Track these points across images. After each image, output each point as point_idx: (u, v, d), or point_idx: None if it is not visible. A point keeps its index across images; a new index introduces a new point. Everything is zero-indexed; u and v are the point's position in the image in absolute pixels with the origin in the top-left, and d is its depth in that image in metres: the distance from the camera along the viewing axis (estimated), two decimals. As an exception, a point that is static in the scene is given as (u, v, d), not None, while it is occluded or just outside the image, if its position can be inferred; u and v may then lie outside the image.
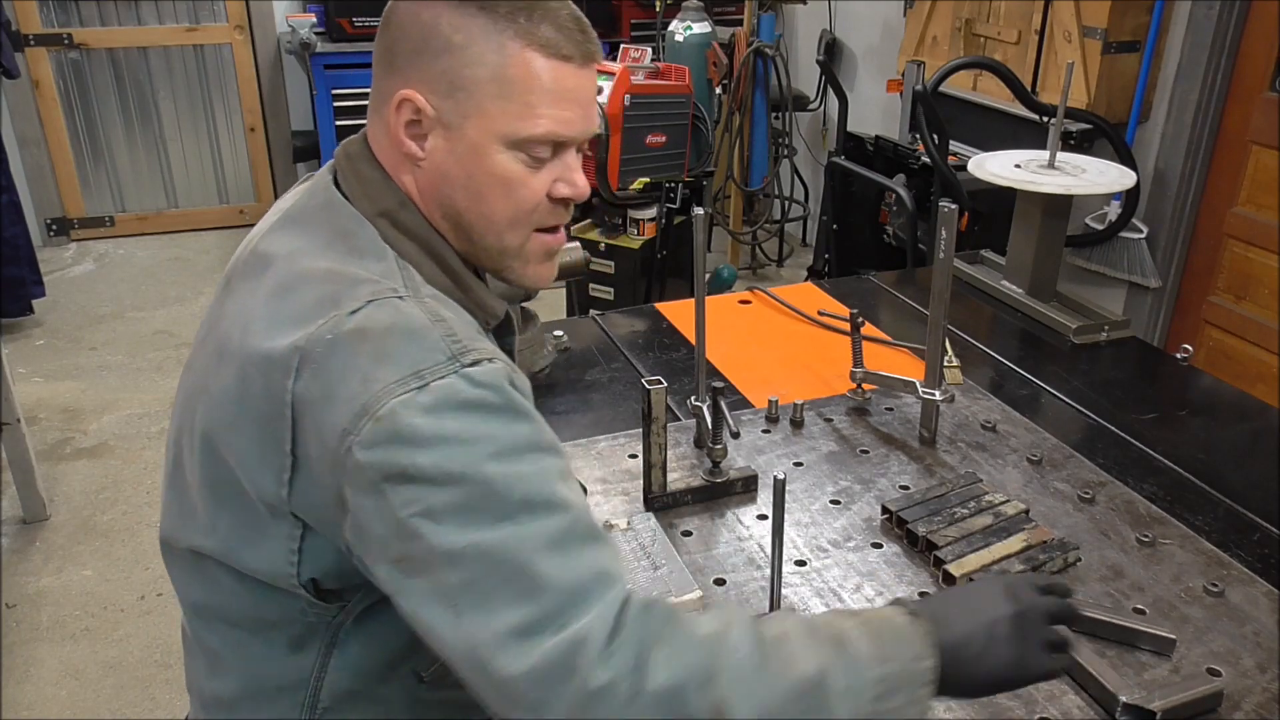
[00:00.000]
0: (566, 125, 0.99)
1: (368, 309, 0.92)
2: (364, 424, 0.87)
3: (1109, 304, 3.36)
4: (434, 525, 0.85)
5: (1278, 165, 2.96)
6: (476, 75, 0.96)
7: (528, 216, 1.02)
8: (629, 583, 0.91)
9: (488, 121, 0.97)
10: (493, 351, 0.93)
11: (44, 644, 2.61)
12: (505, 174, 0.99)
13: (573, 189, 1.03)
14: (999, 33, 3.51)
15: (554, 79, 0.97)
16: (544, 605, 0.84)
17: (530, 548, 0.86)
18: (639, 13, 5.27)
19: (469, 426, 0.88)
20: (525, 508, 0.87)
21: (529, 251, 1.05)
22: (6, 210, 3.99)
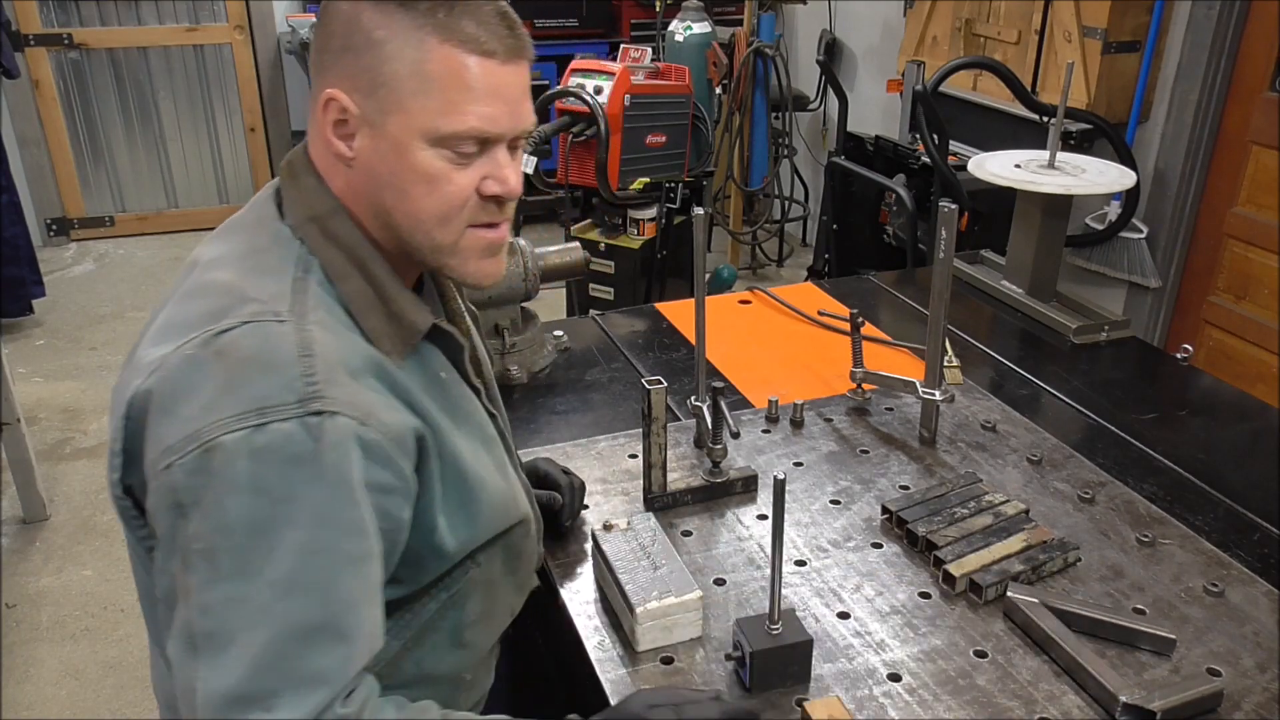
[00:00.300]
0: (490, 121, 0.98)
1: (239, 330, 0.93)
2: (192, 449, 0.89)
3: (1109, 304, 3.36)
4: (209, 568, 0.88)
5: (1278, 165, 2.96)
6: (396, 71, 0.95)
7: (455, 213, 1.01)
8: (347, 685, 0.93)
9: (409, 118, 0.96)
10: (344, 401, 0.91)
11: (44, 644, 2.61)
12: (428, 171, 0.98)
13: (502, 186, 1.01)
14: (999, 33, 3.51)
15: (475, 75, 0.96)
16: (258, 684, 0.88)
17: (276, 624, 0.88)
18: (639, 13, 5.27)
19: (283, 484, 0.89)
20: (297, 587, 0.89)
21: (465, 248, 1.03)
22: (6, 210, 3.99)
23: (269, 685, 0.88)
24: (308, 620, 0.90)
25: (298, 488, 0.89)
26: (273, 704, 0.88)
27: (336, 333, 0.96)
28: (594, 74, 3.53)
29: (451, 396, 1.07)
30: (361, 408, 0.92)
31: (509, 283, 1.78)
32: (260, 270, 0.99)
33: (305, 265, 1.00)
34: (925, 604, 1.25)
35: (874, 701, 1.10)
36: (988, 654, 1.17)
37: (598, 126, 3.39)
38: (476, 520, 1.07)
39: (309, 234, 1.01)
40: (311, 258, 1.01)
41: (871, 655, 1.16)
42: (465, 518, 1.05)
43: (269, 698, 0.88)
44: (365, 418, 0.92)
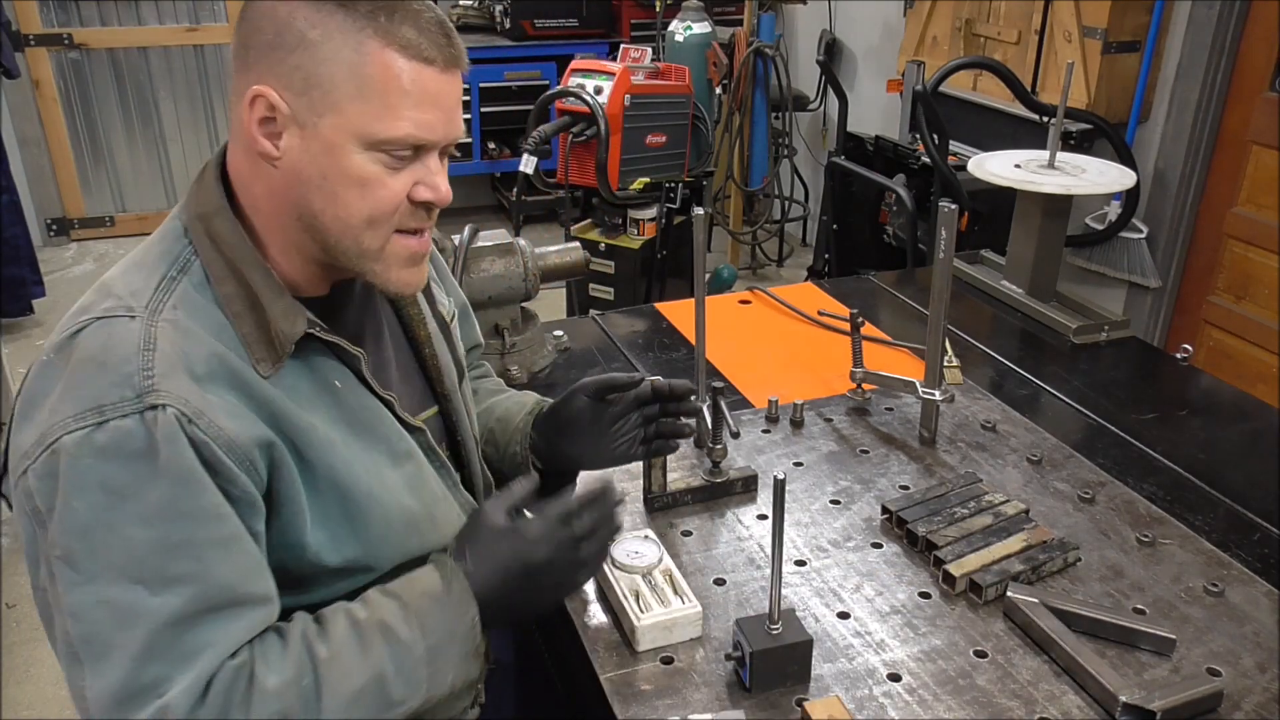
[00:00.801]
0: (426, 129, 0.97)
1: (89, 328, 0.94)
2: (40, 452, 0.90)
3: (1109, 304, 3.36)
4: (71, 573, 0.90)
5: (1278, 165, 2.96)
6: (332, 73, 0.94)
7: (386, 218, 0.99)
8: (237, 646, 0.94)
9: (344, 120, 0.95)
10: (178, 396, 0.91)
11: (44, 644, 2.61)
12: (362, 175, 0.97)
13: (434, 193, 1.00)
14: (999, 33, 3.51)
15: (413, 80, 0.95)
16: (144, 675, 0.89)
17: (151, 619, 0.89)
18: (639, 13, 5.27)
19: (130, 480, 0.89)
20: (159, 576, 0.90)
21: (389, 254, 1.02)
22: (6, 210, 3.99)
23: (156, 673, 0.90)
24: (184, 610, 0.91)
25: (144, 483, 0.89)
26: (164, 687, 0.90)
27: (190, 334, 0.95)
28: (594, 74, 3.53)
29: (348, 407, 1.05)
30: (193, 405, 0.91)
31: (509, 283, 1.78)
32: (137, 266, 1.00)
33: (183, 264, 0.99)
34: (925, 604, 1.25)
35: (874, 701, 1.10)
36: (988, 654, 1.17)
37: (598, 126, 3.39)
38: (365, 537, 1.04)
39: (195, 232, 1.01)
40: (194, 257, 1.00)
41: (871, 655, 1.16)
42: (349, 533, 1.03)
43: (159, 684, 0.90)
44: (195, 416, 0.91)
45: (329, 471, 1.00)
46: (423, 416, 1.18)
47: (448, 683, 1.03)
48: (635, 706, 1.09)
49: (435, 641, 1.01)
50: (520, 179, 3.39)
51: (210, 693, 0.91)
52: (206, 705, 0.91)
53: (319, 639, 0.98)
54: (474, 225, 1.79)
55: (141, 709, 0.89)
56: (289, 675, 0.94)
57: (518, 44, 5.16)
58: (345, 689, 0.96)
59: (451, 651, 1.03)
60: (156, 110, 5.16)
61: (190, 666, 0.91)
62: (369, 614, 1.01)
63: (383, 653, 0.99)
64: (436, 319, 1.25)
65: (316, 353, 1.04)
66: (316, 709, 0.95)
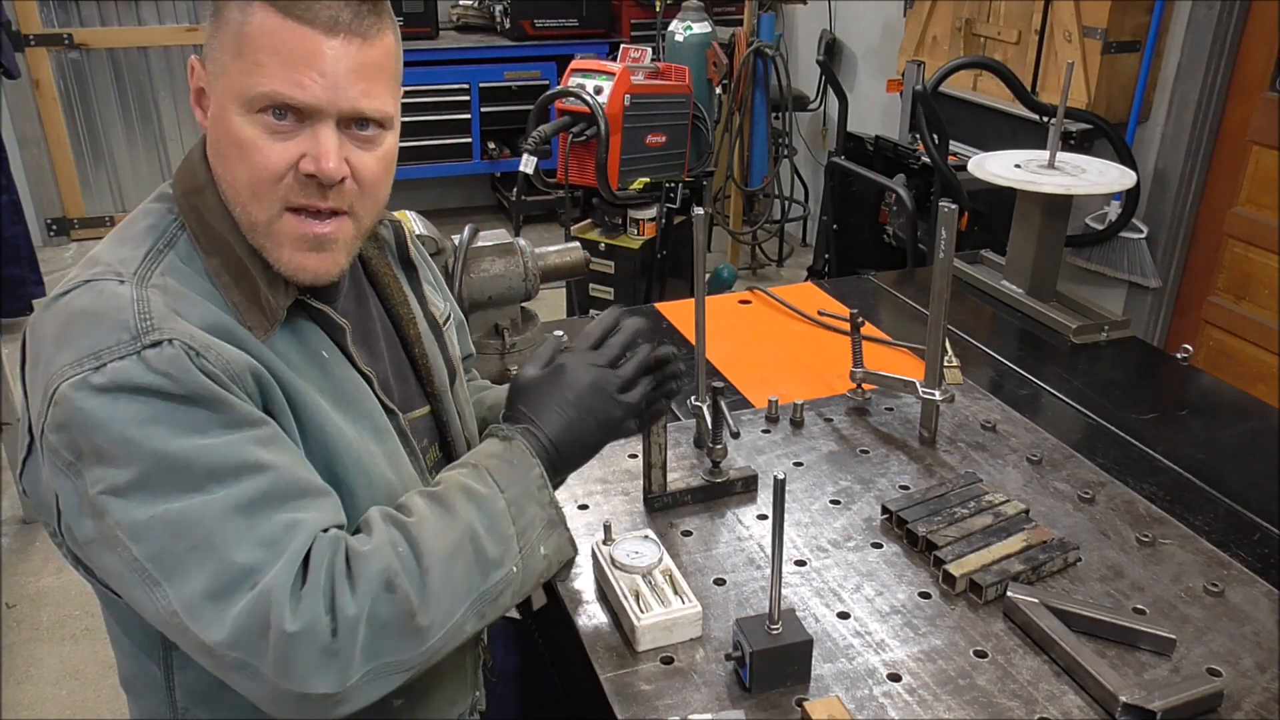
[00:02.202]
0: (296, 88, 0.94)
1: (76, 292, 0.95)
2: (48, 408, 0.90)
3: (1109, 304, 3.36)
4: (120, 501, 0.89)
5: (1278, 165, 2.96)
6: (222, 35, 0.96)
7: (268, 188, 0.97)
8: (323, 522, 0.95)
9: (227, 81, 0.96)
10: (181, 331, 0.92)
11: (44, 644, 2.61)
12: (239, 137, 0.96)
13: (316, 166, 0.96)
14: (999, 33, 3.51)
15: (284, 39, 0.93)
16: (230, 569, 0.89)
17: (215, 514, 0.89)
18: (639, 13, 5.27)
19: (142, 411, 0.89)
20: (211, 476, 0.90)
21: (279, 232, 0.99)
22: (6, 210, 3.99)
23: (244, 562, 0.89)
24: (247, 497, 0.91)
25: (159, 411, 0.90)
26: (257, 575, 0.89)
27: (182, 297, 0.96)
28: (594, 74, 3.53)
29: (334, 378, 1.06)
30: (199, 340, 0.92)
31: (509, 283, 1.78)
32: (124, 240, 1.01)
33: (170, 238, 1.01)
34: (925, 604, 1.25)
35: (874, 701, 1.10)
36: (988, 654, 1.17)
37: (598, 126, 3.39)
38: (350, 504, 1.03)
39: (183, 207, 1.02)
40: (181, 231, 1.01)
41: (871, 655, 1.16)
42: (333, 484, 1.02)
43: (251, 573, 0.89)
44: (203, 349, 0.92)
45: (319, 433, 1.01)
46: (415, 415, 1.19)
47: (540, 554, 1.05)
48: (635, 706, 1.09)
49: (513, 495, 1.03)
50: (520, 179, 3.40)
51: (309, 569, 0.91)
52: (308, 581, 0.90)
53: (402, 511, 1.00)
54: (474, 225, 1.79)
55: (236, 600, 0.88)
56: (381, 540, 0.95)
57: (518, 44, 5.16)
58: (440, 546, 0.97)
59: (531, 510, 1.04)
60: (156, 110, 5.16)
61: (279, 550, 0.90)
62: (444, 484, 1.04)
63: (468, 508, 1.01)
64: (428, 319, 1.25)
65: (304, 322, 1.05)
66: (418, 568, 0.95)
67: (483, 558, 0.99)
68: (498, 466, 1.05)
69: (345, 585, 0.91)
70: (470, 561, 0.98)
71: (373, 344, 1.16)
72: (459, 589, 0.97)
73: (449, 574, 0.96)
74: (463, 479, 1.04)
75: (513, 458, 1.06)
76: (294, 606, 0.88)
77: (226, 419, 0.92)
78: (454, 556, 0.97)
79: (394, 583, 0.93)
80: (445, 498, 1.01)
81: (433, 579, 0.95)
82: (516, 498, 1.03)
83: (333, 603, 0.90)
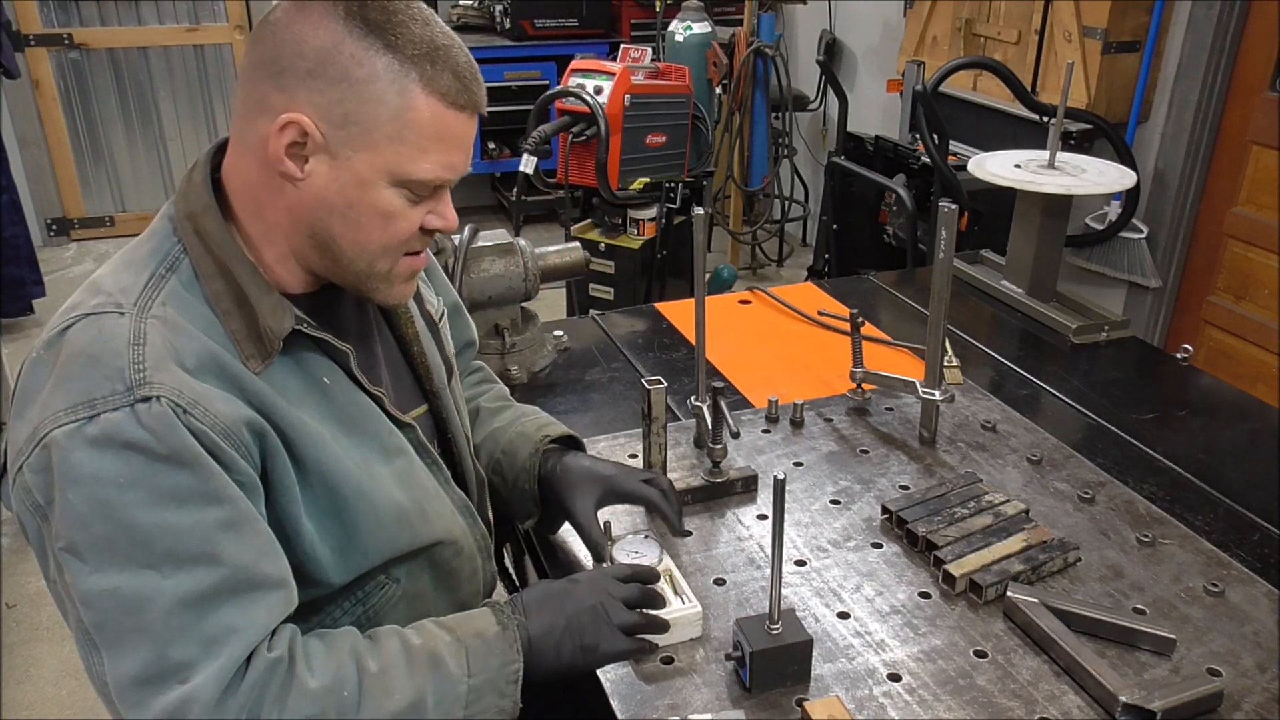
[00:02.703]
0: (452, 170, 1.02)
1: (78, 325, 0.95)
2: (33, 448, 0.91)
3: (1109, 304, 3.36)
4: (78, 563, 0.90)
5: (1278, 165, 2.96)
6: (375, 113, 0.96)
7: (400, 245, 1.04)
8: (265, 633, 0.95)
9: (378, 158, 0.98)
10: (171, 386, 0.91)
11: (44, 644, 2.61)
12: (387, 208, 1.01)
13: (444, 222, 1.06)
14: (999, 33, 3.51)
15: (447, 126, 0.99)
16: (164, 661, 0.90)
17: (165, 601, 0.90)
18: (639, 13, 5.27)
19: (126, 470, 0.89)
20: (169, 559, 0.90)
21: (396, 275, 1.07)
22: (6, 210, 3.99)
23: (179, 657, 0.90)
24: (198, 591, 0.91)
25: (140, 472, 0.90)
26: (188, 673, 0.90)
27: (180, 329, 0.96)
28: (594, 74, 3.53)
29: (337, 403, 1.06)
30: (187, 396, 0.92)
31: (509, 283, 1.78)
32: (126, 264, 1.02)
33: (172, 262, 1.01)
34: (925, 604, 1.25)
35: (874, 701, 1.10)
36: (988, 654, 1.17)
37: (598, 126, 3.39)
38: (354, 533, 1.04)
39: (184, 231, 1.02)
40: (183, 256, 1.01)
41: (871, 655, 1.16)
42: (338, 527, 1.03)
43: (182, 669, 0.90)
44: (190, 406, 0.92)
45: (318, 467, 1.01)
46: (413, 414, 1.19)
47: None
48: (635, 706, 1.09)
49: (478, 683, 1.02)
50: (520, 179, 3.39)
51: (244, 684, 0.92)
52: (239, 695, 0.91)
53: (370, 653, 1.00)
54: (474, 225, 1.79)
55: (162, 692, 0.89)
56: (330, 681, 0.95)
57: (518, 44, 5.16)
58: (385, 708, 0.97)
59: (488, 700, 1.03)
60: (156, 110, 5.16)
61: (215, 653, 0.91)
62: (422, 640, 1.03)
63: (428, 681, 1.00)
64: (424, 317, 1.25)
65: (305, 350, 1.05)
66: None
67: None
68: (478, 648, 1.04)
69: (274, 712, 0.92)
70: None
71: (373, 352, 1.16)
72: None
73: None
74: (439, 647, 1.03)
75: (498, 646, 1.05)
76: (217, 715, 0.90)
77: (203, 489, 0.92)
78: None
79: None
80: (415, 657, 1.01)
81: None
82: (479, 685, 1.02)
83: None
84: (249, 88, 0.99)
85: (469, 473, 1.29)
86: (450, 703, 1.00)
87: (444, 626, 1.06)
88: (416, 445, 1.14)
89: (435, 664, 1.01)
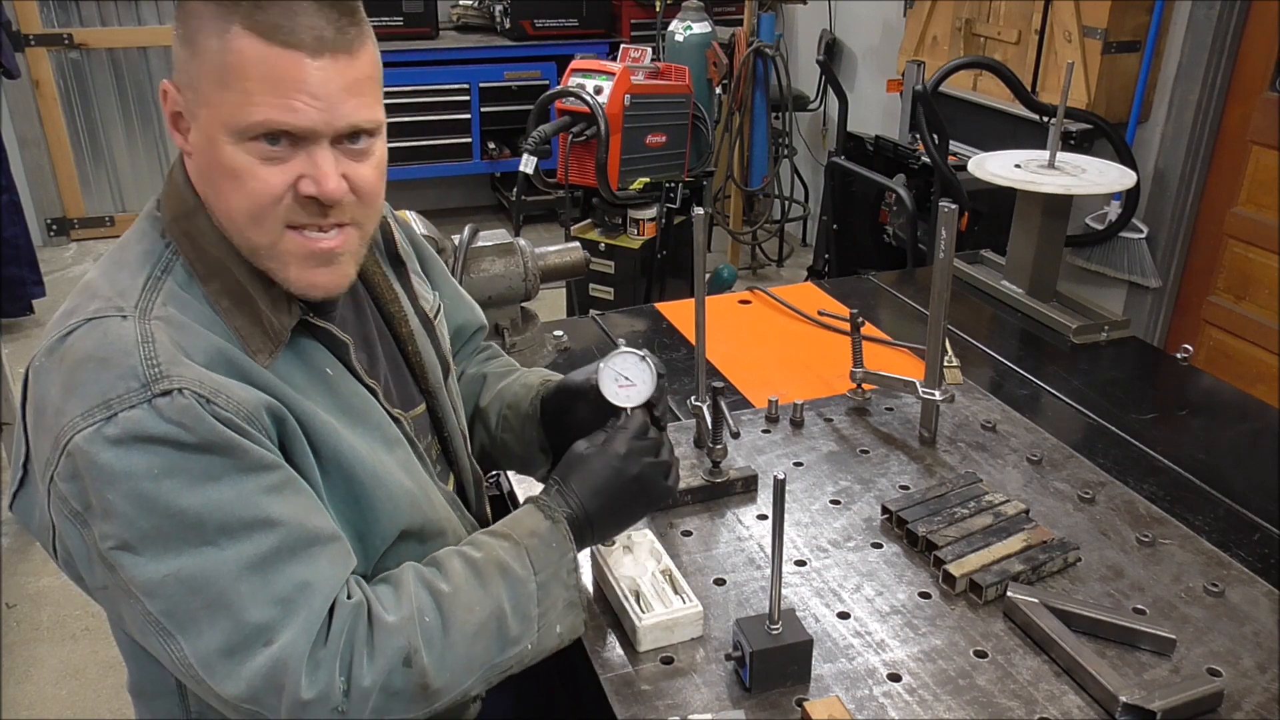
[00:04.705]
0: (290, 114, 0.92)
1: (79, 331, 0.94)
2: (59, 457, 0.90)
3: (1109, 304, 3.36)
4: (131, 557, 0.89)
5: (1278, 165, 2.95)
6: (203, 63, 0.93)
7: (266, 212, 0.95)
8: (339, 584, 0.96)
9: (213, 112, 0.94)
10: (191, 378, 0.91)
11: (44, 644, 2.61)
12: (233, 166, 0.94)
13: (316, 187, 0.95)
14: (999, 33, 3.51)
15: (274, 66, 0.91)
16: (244, 627, 0.90)
17: (229, 571, 0.90)
18: (639, 13, 5.27)
19: (157, 461, 0.89)
20: (223, 532, 0.90)
21: (285, 252, 0.98)
22: (6, 210, 3.99)
23: (257, 620, 0.90)
24: (260, 554, 0.91)
25: (172, 462, 0.89)
26: (271, 634, 0.90)
27: (185, 328, 0.95)
28: (594, 74, 3.53)
29: (341, 394, 1.06)
30: (208, 385, 0.92)
31: (509, 283, 1.78)
32: (119, 266, 1.00)
33: (166, 264, 1.00)
34: (925, 604, 1.25)
35: (874, 701, 1.10)
36: (988, 654, 1.17)
37: (598, 126, 3.39)
38: (373, 519, 1.05)
39: (174, 233, 1.01)
40: (175, 257, 1.00)
41: (871, 655, 1.16)
42: (356, 514, 1.04)
43: (264, 631, 0.90)
44: (213, 395, 0.91)
45: (334, 454, 1.02)
46: (411, 413, 1.19)
47: (556, 631, 1.07)
48: (635, 706, 1.09)
49: (544, 579, 1.06)
50: (520, 179, 3.40)
51: (330, 633, 0.93)
52: (328, 646, 0.92)
53: (438, 578, 1.02)
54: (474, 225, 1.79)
55: (250, 658, 0.90)
56: (409, 611, 0.98)
57: (518, 44, 5.16)
58: (469, 622, 1.00)
59: (557, 591, 1.07)
60: (156, 110, 5.16)
61: (295, 609, 0.91)
62: (483, 553, 1.05)
63: (500, 587, 1.03)
64: (419, 315, 1.25)
65: (306, 342, 1.05)
66: (442, 643, 0.98)
67: (504, 635, 1.03)
68: (536, 547, 1.08)
69: (364, 655, 0.94)
70: (492, 638, 1.02)
71: (371, 349, 1.16)
72: (476, 662, 1.01)
73: (470, 649, 1.00)
74: (502, 554, 1.06)
75: (553, 539, 1.09)
76: (310, 673, 0.91)
77: (240, 464, 0.92)
78: (478, 634, 1.01)
79: (413, 658, 0.96)
80: (482, 570, 1.04)
81: (454, 654, 0.99)
82: (546, 580, 1.07)
83: (349, 671, 0.93)
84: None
85: (465, 471, 1.29)
86: (525, 602, 1.04)
87: (497, 534, 1.09)
88: (407, 438, 1.15)
89: (504, 571, 1.04)
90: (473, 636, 1.00)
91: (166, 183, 1.04)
